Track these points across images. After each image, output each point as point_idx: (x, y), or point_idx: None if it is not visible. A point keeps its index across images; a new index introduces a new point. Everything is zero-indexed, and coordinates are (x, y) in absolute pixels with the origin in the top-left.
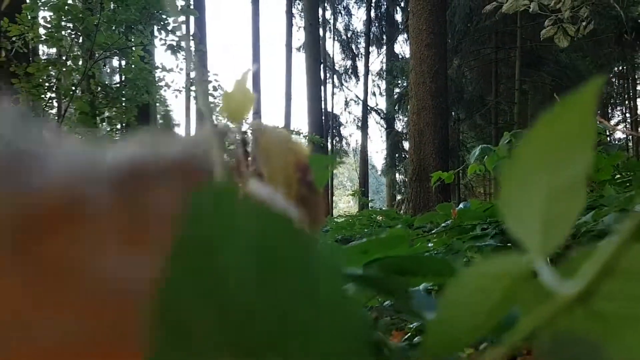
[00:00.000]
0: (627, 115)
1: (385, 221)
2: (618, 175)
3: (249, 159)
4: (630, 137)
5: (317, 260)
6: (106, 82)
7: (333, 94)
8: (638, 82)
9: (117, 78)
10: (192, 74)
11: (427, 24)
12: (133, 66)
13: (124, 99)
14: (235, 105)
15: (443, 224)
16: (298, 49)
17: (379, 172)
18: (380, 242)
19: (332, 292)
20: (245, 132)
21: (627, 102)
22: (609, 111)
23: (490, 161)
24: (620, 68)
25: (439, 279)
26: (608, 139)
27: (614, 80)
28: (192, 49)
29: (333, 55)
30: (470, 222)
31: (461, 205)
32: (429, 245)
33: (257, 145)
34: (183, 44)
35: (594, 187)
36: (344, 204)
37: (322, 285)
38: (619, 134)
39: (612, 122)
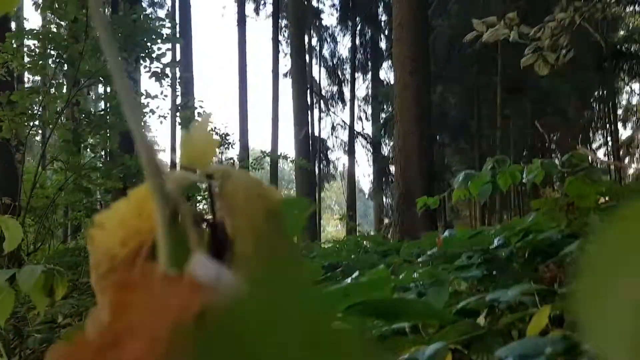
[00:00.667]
0: (608, 139)
1: (372, 247)
2: (602, 201)
3: (214, 208)
4: (613, 159)
5: None
6: (90, 110)
7: (320, 118)
8: (618, 106)
9: (102, 105)
10: (178, 101)
11: (410, 52)
12: (117, 93)
13: (107, 126)
14: (196, 150)
15: (429, 252)
16: (285, 75)
17: (367, 196)
18: (361, 286)
19: None
20: (209, 178)
21: (607, 125)
22: (590, 135)
23: (475, 186)
24: (601, 93)
25: (420, 319)
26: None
27: (594, 104)
28: (178, 75)
29: (319, 80)
30: (456, 250)
31: (446, 234)
32: (415, 275)
33: (221, 193)
34: (168, 71)
35: (577, 214)
36: (332, 227)
37: None
38: (600, 157)
39: (594, 146)
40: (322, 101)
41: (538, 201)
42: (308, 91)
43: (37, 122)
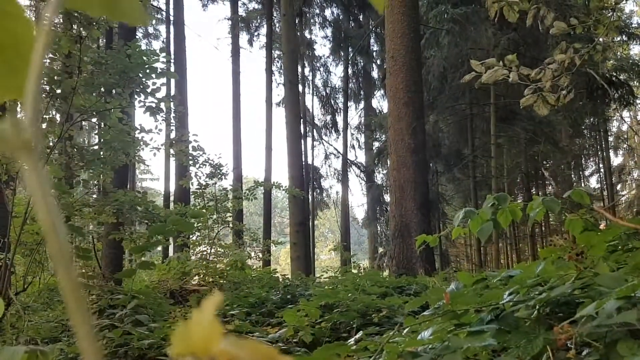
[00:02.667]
0: (600, 165)
1: (372, 288)
2: (617, 249)
3: None
4: (605, 187)
5: None
6: (83, 145)
7: (313, 147)
8: (610, 134)
9: (96, 139)
10: (172, 134)
11: (404, 83)
12: (110, 128)
13: (100, 161)
14: (198, 335)
15: (436, 306)
16: (278, 104)
17: (360, 224)
18: None
19: None
20: None
21: (599, 152)
22: (583, 162)
23: (475, 224)
24: (592, 120)
25: None
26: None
27: (586, 132)
28: (172, 110)
29: (312, 109)
30: (464, 307)
31: (452, 287)
32: (423, 336)
33: None
34: (163, 105)
35: (587, 264)
36: (325, 255)
37: None
38: (593, 184)
39: (586, 173)
40: (315, 130)
41: (546, 250)
42: (301, 120)
43: None
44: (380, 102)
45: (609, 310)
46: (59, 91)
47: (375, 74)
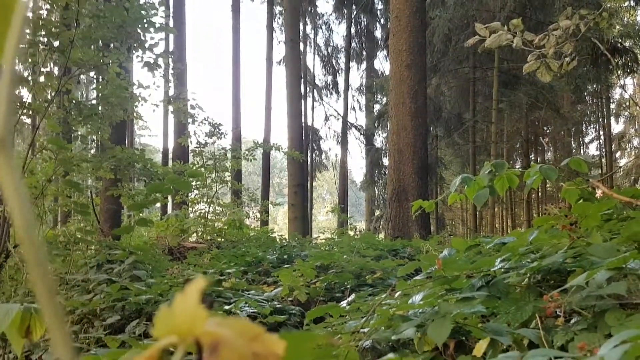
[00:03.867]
0: (601, 132)
1: (366, 251)
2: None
3: None
4: (604, 154)
5: None
6: (80, 99)
7: (313, 107)
8: (612, 101)
9: (94, 94)
10: (171, 91)
11: (407, 45)
12: (108, 83)
13: (98, 117)
14: (181, 321)
15: (428, 271)
16: (279, 63)
17: (358, 187)
18: None
19: None
20: (198, 347)
21: (600, 120)
22: (583, 129)
23: (471, 191)
24: (595, 87)
25: None
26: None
27: (588, 98)
28: (170, 66)
29: (313, 69)
30: (456, 273)
31: (445, 253)
32: (415, 301)
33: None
34: (161, 61)
35: (580, 233)
36: (323, 216)
37: None
38: (592, 151)
39: (586, 139)
40: (315, 90)
41: (541, 219)
42: (302, 80)
43: (25, 111)
44: (382, 63)
45: (600, 280)
46: (56, 43)
47: (379, 33)
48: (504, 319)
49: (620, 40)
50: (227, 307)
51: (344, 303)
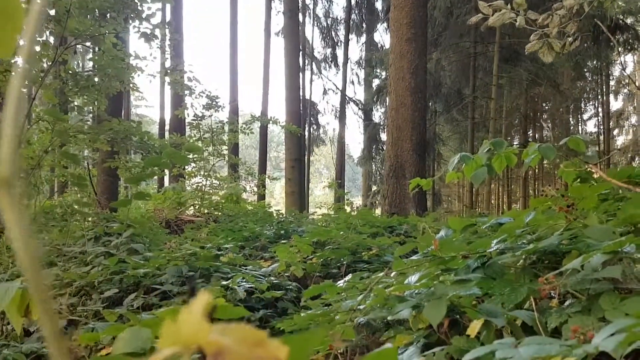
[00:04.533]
0: (599, 110)
1: (363, 228)
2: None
3: None
4: (602, 131)
5: None
6: (77, 70)
7: (312, 80)
8: (612, 78)
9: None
10: (167, 63)
11: (409, 18)
12: (105, 53)
13: (95, 88)
14: (185, 332)
15: (425, 251)
16: (277, 34)
17: (355, 162)
18: None
19: None
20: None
21: (600, 97)
22: (582, 106)
23: (469, 169)
24: (595, 63)
25: None
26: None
27: (588, 75)
28: (167, 37)
29: (312, 41)
30: (452, 255)
31: (442, 234)
32: (410, 280)
33: None
34: (158, 32)
35: (577, 215)
36: (320, 191)
37: None
38: (590, 128)
39: (585, 117)
40: (314, 63)
41: (537, 200)
42: (300, 52)
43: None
44: (382, 36)
45: (595, 264)
46: (52, 13)
47: (379, 5)
48: (498, 299)
49: (622, 17)
50: (224, 282)
51: (340, 282)
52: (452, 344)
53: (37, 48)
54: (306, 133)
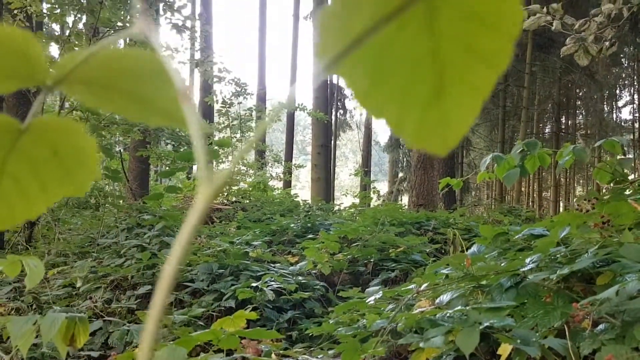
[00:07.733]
0: (635, 97)
1: (390, 228)
2: None
3: None
4: (637, 119)
5: None
6: None
7: None
8: None
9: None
10: (197, 54)
11: None
12: (136, 44)
13: None
14: None
15: (463, 272)
16: (305, 18)
17: (382, 148)
18: None
19: None
20: None
21: (636, 84)
22: (617, 92)
23: (501, 170)
24: (632, 49)
25: None
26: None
27: (624, 61)
28: (198, 29)
29: None
30: (485, 273)
31: (474, 250)
32: (442, 299)
33: None
34: (188, 23)
35: (612, 232)
36: (345, 175)
37: None
38: (625, 115)
39: (620, 103)
40: None
41: (572, 215)
42: None
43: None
44: None
45: (631, 291)
46: (84, 3)
47: None
48: (531, 322)
49: None
50: (254, 284)
51: (371, 300)
52: None
53: (71, 39)
54: (333, 117)
